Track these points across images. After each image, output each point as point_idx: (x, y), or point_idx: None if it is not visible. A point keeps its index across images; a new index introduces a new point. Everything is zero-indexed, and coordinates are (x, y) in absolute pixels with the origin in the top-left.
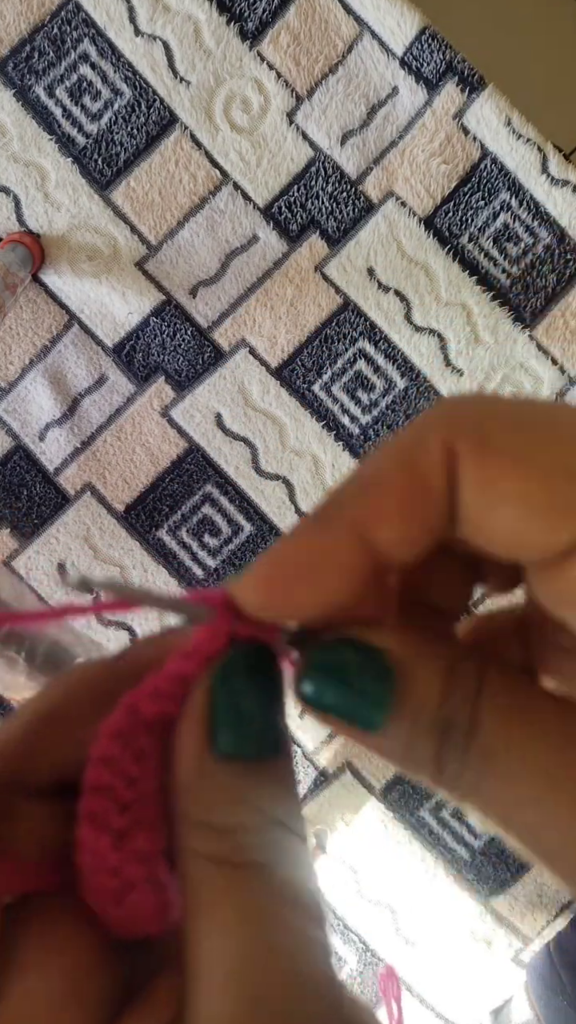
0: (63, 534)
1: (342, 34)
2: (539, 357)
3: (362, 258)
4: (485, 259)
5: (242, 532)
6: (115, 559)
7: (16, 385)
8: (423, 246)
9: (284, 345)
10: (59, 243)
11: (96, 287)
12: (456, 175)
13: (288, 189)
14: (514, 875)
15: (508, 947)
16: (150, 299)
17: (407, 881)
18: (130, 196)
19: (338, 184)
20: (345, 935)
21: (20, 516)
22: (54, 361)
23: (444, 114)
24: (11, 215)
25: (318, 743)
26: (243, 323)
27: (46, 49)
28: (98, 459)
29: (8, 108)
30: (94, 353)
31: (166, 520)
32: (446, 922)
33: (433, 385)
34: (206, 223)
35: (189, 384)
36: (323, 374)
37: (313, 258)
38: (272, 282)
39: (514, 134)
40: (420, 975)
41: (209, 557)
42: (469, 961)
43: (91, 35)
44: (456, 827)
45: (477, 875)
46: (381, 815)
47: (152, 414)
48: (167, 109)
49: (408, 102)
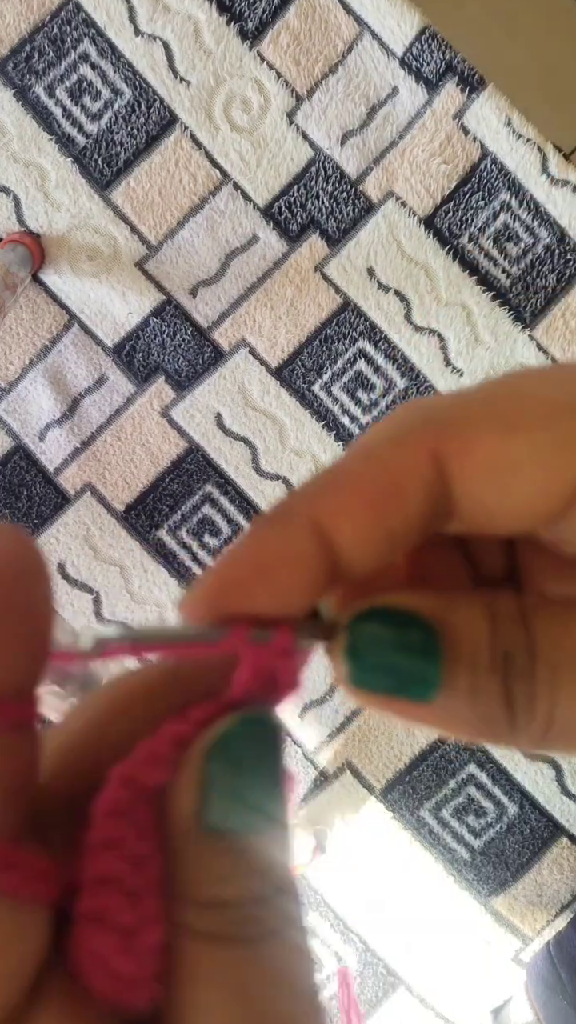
0: (63, 534)
1: (342, 34)
2: (539, 357)
3: (362, 258)
4: (485, 259)
5: (241, 532)
6: (115, 559)
7: (16, 385)
8: (423, 246)
9: (284, 345)
10: (59, 243)
11: (96, 287)
12: (456, 175)
13: (288, 189)
14: (514, 875)
15: (508, 947)
16: (150, 299)
17: (407, 881)
18: (130, 196)
19: (338, 184)
20: (345, 935)
21: (20, 516)
22: (54, 361)
23: (444, 114)
24: (11, 215)
25: (318, 743)
26: (243, 323)
27: (46, 49)
28: (98, 459)
29: (8, 108)
30: (94, 353)
31: (166, 520)
32: (446, 922)
33: (433, 385)
34: (206, 223)
35: (189, 384)
36: (323, 374)
37: (313, 258)
38: (272, 282)
39: (514, 134)
40: (420, 975)
41: (209, 557)
42: (469, 961)
43: (91, 35)
44: (456, 827)
45: (477, 875)
46: (381, 815)
47: (152, 414)
48: (167, 109)
49: (408, 102)
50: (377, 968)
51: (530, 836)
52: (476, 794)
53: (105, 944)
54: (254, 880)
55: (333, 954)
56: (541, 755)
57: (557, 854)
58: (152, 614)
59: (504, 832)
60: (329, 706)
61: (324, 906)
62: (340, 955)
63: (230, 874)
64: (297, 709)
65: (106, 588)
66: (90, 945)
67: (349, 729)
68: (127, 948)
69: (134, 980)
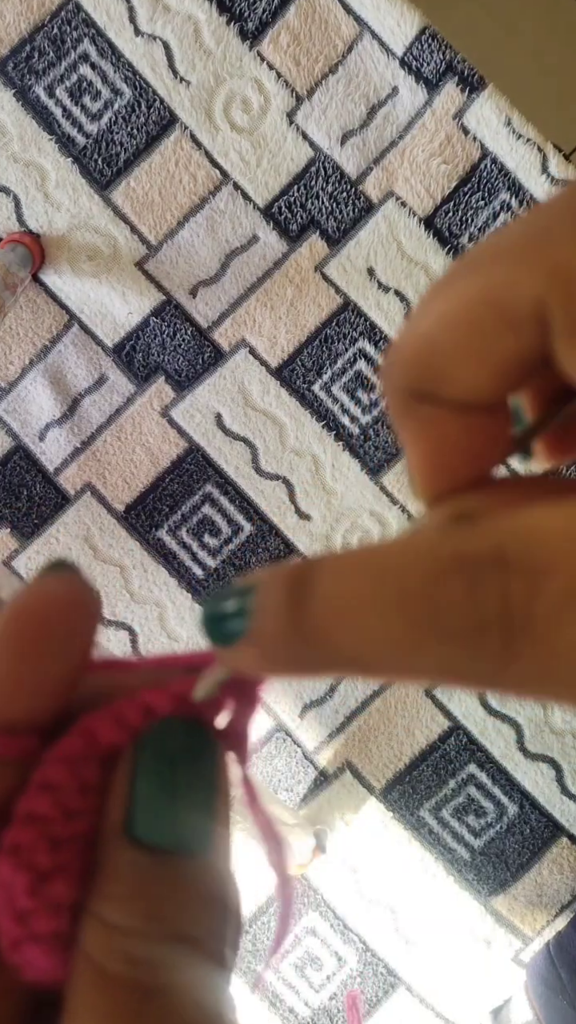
0: (63, 534)
1: (342, 34)
2: None
3: (362, 258)
4: None
5: (242, 532)
6: (115, 559)
7: (16, 385)
8: (423, 246)
9: (284, 345)
10: (59, 243)
11: (96, 287)
12: (456, 175)
13: (288, 189)
14: (514, 875)
15: (508, 947)
16: (150, 299)
17: (407, 881)
18: (130, 196)
19: (338, 184)
20: (345, 935)
21: (20, 516)
22: (54, 361)
23: (444, 114)
24: (11, 215)
25: (318, 743)
26: (243, 323)
27: (46, 49)
28: (98, 459)
29: (8, 108)
30: (94, 353)
31: (166, 520)
32: (446, 922)
33: None
34: (206, 223)
35: (189, 384)
36: (323, 374)
37: (313, 258)
38: (272, 282)
39: (514, 134)
40: (420, 975)
41: (209, 557)
42: (469, 961)
43: (91, 35)
44: (456, 827)
45: (477, 875)
46: (381, 815)
47: (152, 414)
48: (167, 109)
49: (408, 102)
50: (377, 968)
51: (530, 836)
52: (476, 794)
53: (15, 880)
54: (159, 913)
55: (333, 954)
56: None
57: (557, 854)
58: (152, 614)
59: (504, 832)
60: (329, 706)
61: (324, 906)
62: (340, 955)
63: (137, 895)
64: (297, 709)
65: (106, 588)
66: (1, 876)
67: (349, 729)
68: (35, 891)
69: (34, 933)
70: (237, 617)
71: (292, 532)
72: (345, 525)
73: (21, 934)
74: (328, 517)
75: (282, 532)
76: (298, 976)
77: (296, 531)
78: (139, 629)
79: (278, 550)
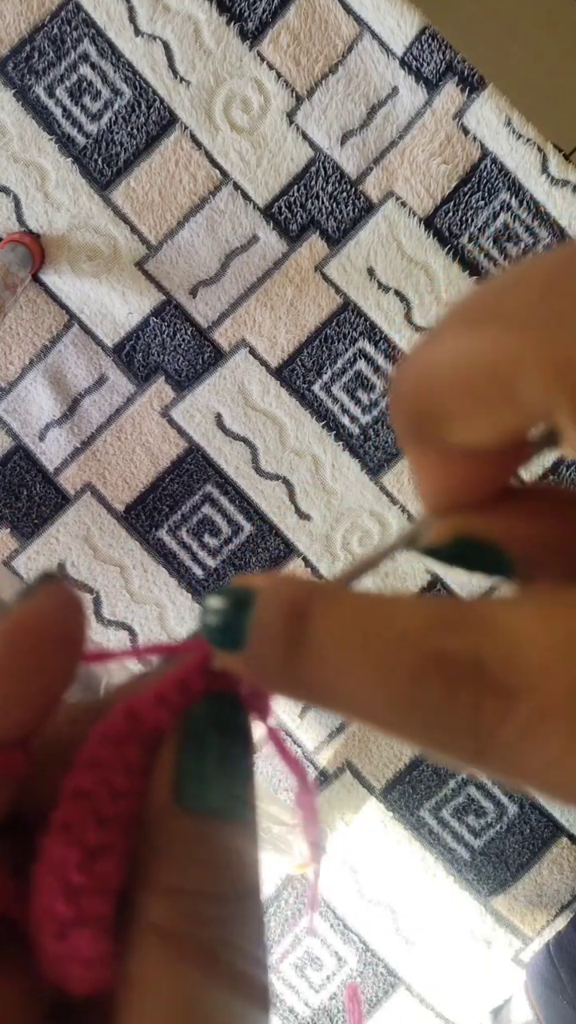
0: (63, 534)
1: (342, 34)
2: None
3: (362, 258)
4: (485, 259)
5: (242, 532)
6: (115, 559)
7: (16, 385)
8: (423, 246)
9: (284, 345)
10: (59, 243)
11: (96, 287)
12: (456, 175)
13: (288, 189)
14: (514, 875)
15: (508, 947)
16: (150, 299)
17: (407, 881)
18: (130, 196)
19: (338, 184)
20: (345, 935)
21: (20, 516)
22: (54, 361)
23: (444, 114)
24: (11, 215)
25: (318, 743)
26: (243, 323)
27: (46, 49)
28: (98, 459)
29: (8, 108)
30: (94, 353)
31: (166, 520)
32: (446, 922)
33: None
34: (206, 223)
35: (189, 384)
36: (323, 374)
37: (313, 258)
38: (272, 282)
39: (514, 134)
40: (420, 975)
41: (209, 557)
42: (469, 961)
43: (91, 35)
44: (456, 827)
45: (477, 875)
46: (381, 815)
47: (152, 414)
48: (167, 109)
49: (408, 102)
50: (377, 968)
51: (530, 836)
52: (476, 794)
53: (68, 856)
54: (217, 873)
55: (333, 954)
56: None
57: (557, 854)
58: (152, 614)
59: (504, 832)
60: None
61: (324, 906)
62: (340, 955)
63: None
64: (297, 709)
65: (106, 588)
66: (52, 854)
67: (349, 729)
68: (86, 868)
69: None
70: (235, 629)
71: (292, 532)
72: (345, 525)
73: (72, 915)
74: (328, 517)
75: (282, 532)
76: (298, 976)
77: (296, 531)
78: (139, 629)
79: (278, 550)
